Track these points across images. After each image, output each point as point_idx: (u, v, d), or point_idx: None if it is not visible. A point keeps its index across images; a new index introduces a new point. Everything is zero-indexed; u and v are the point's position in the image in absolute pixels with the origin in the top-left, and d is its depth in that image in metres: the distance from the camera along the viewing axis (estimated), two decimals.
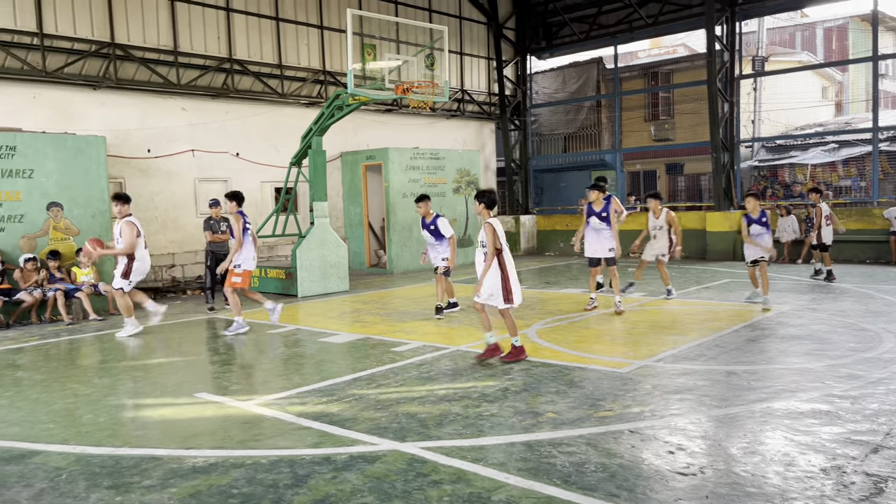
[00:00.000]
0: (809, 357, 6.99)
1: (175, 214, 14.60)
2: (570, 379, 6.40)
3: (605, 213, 9.97)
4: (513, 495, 3.93)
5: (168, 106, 14.48)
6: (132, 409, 6.00)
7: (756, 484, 4.00)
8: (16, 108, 12.37)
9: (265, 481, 4.23)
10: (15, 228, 10.86)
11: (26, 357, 8.30)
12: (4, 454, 4.89)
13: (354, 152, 17.30)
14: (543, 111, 25.72)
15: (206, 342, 9.16)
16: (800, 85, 24.92)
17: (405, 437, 4.93)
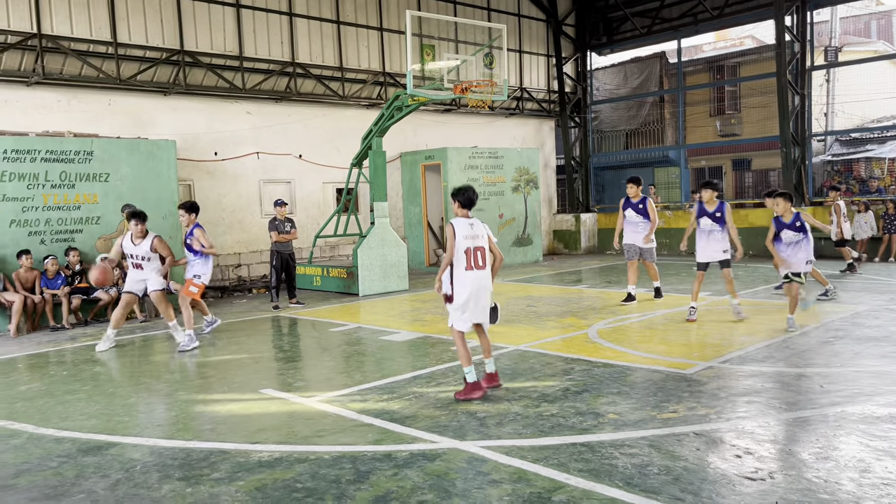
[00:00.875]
0: (886, 360, 6.68)
1: (241, 216, 15.01)
2: (633, 380, 6.30)
3: (718, 214, 9.11)
4: (574, 496, 3.89)
5: (234, 110, 14.90)
6: (201, 403, 6.20)
7: (829, 490, 3.85)
8: (93, 115, 12.94)
9: (328, 476, 4.31)
10: (92, 230, 11.37)
11: (103, 353, 8.66)
12: (83, 445, 5.13)
13: (414, 152, 17.42)
14: (604, 107, 25.35)
15: (272, 339, 9.38)
16: (875, 75, 23.80)
17: (465, 436, 4.95)
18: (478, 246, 5.83)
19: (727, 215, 9.12)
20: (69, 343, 9.42)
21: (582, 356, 7.31)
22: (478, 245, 5.83)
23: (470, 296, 5.72)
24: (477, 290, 5.78)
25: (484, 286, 5.83)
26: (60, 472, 4.60)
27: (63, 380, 7.30)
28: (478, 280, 5.78)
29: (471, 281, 5.75)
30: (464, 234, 5.79)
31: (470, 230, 5.83)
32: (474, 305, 5.77)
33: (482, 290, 5.83)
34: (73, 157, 11.13)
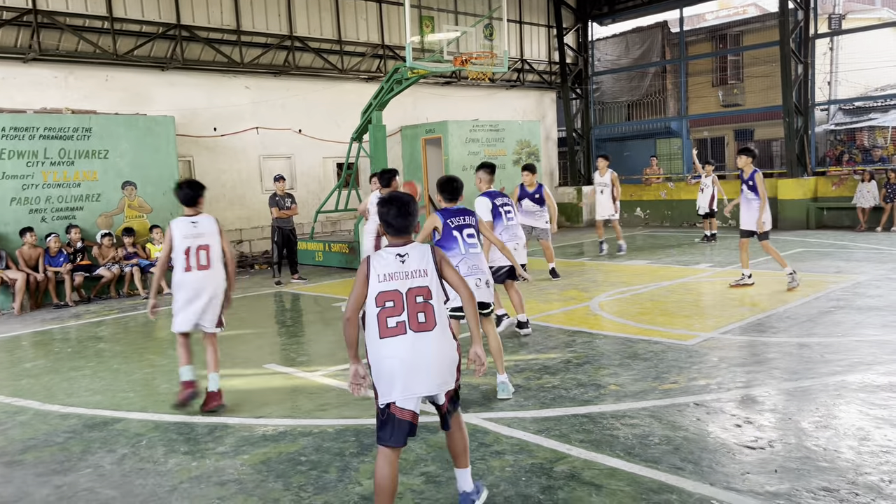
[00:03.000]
0: (887, 329, 6.69)
1: (242, 191, 14.98)
2: (634, 351, 6.32)
3: (751, 182, 8.95)
4: (575, 466, 3.93)
5: (232, 85, 14.79)
6: (205, 379, 6.23)
7: (828, 458, 3.88)
8: (90, 91, 12.86)
9: (332, 449, 4.35)
10: (93, 207, 11.37)
11: (107, 329, 8.72)
12: (89, 421, 5.18)
13: (414, 126, 17.32)
14: (606, 79, 25.12)
15: (274, 315, 9.41)
16: (880, 43, 23.50)
17: (467, 408, 4.98)
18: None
19: (758, 184, 8.87)
20: (73, 320, 9.47)
21: (583, 328, 7.33)
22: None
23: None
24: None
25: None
26: (67, 448, 4.65)
27: (68, 356, 7.35)
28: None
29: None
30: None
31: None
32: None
33: None
34: (71, 134, 11.08)
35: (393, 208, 3.30)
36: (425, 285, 3.24)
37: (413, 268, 3.25)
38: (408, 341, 3.16)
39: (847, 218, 16.04)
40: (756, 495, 3.49)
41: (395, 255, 3.27)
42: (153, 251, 11.62)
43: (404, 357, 3.15)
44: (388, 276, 3.23)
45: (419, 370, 3.17)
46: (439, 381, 3.23)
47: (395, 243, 3.33)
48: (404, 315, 3.19)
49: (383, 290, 3.21)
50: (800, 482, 3.61)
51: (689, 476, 3.74)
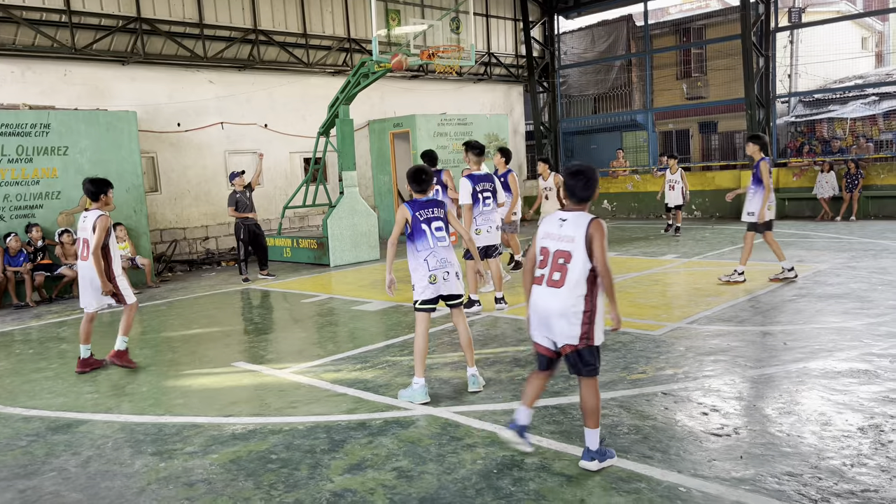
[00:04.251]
0: (848, 316, 6.86)
1: (207, 187, 14.77)
2: (603, 342, 6.38)
3: (755, 170, 8.63)
4: (546, 457, 3.96)
5: (196, 79, 14.55)
6: (172, 378, 6.15)
7: (791, 444, 3.97)
8: (48, 87, 12.55)
9: (303, 447, 4.32)
10: (52, 205, 11.11)
11: (69, 330, 8.54)
12: (52, 424, 5.07)
13: (382, 120, 17.24)
14: (572, 72, 25.26)
15: (242, 313, 9.31)
16: (838, 36, 24.03)
17: (438, 403, 4.99)
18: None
19: (762, 174, 8.49)
20: (34, 321, 9.25)
21: None
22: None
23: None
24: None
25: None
26: (30, 451, 4.55)
27: (29, 358, 7.18)
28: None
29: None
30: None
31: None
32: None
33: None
34: (29, 131, 10.81)
35: (581, 180, 3.83)
36: (568, 250, 3.74)
37: (565, 233, 3.77)
38: (541, 292, 3.79)
39: (808, 208, 16.39)
40: (722, 481, 3.56)
41: (558, 219, 3.86)
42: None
43: (537, 304, 3.82)
44: (546, 234, 3.87)
45: (543, 319, 3.79)
46: (558, 333, 3.75)
47: (569, 208, 3.89)
48: (546, 270, 3.79)
49: (541, 245, 3.87)
50: (764, 467, 3.68)
51: (657, 464, 3.79)
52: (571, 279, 3.70)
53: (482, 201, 7.93)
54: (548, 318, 3.76)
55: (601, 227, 3.72)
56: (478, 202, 7.92)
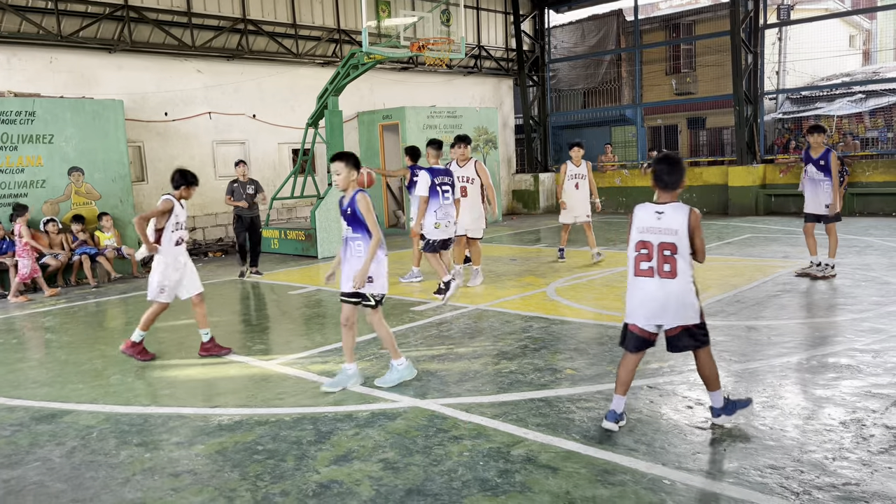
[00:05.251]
0: (831, 311, 6.93)
1: None
2: (589, 336, 6.42)
3: (823, 161, 8.33)
4: (532, 450, 3.98)
5: (184, 68, 14.44)
6: (158, 369, 6.13)
7: (774, 437, 4.01)
8: (34, 74, 12.41)
9: (289, 438, 4.32)
10: (37, 194, 11.00)
11: (54, 319, 8.48)
12: (36, 414, 5.04)
13: (371, 112, 17.19)
14: (562, 66, 25.30)
15: (230, 304, 9.28)
16: (826, 34, 24.21)
17: (426, 395, 5.00)
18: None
19: (832, 164, 8.29)
20: (18, 310, 9.17)
21: (540, 314, 7.41)
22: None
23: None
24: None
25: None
26: (14, 441, 4.52)
27: (13, 347, 7.13)
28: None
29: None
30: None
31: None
32: None
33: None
34: (14, 118, 10.69)
35: (666, 165, 4.03)
36: (673, 242, 3.96)
37: (666, 225, 3.98)
38: (654, 284, 4.02)
39: (794, 204, 16.52)
40: (706, 474, 3.59)
41: (654, 211, 4.04)
42: (102, 239, 11.32)
43: (653, 295, 4.04)
44: (645, 228, 4.05)
45: (660, 308, 4.04)
46: (673, 318, 4.03)
47: (660, 199, 4.06)
48: (654, 262, 4.01)
49: (641, 239, 4.06)
50: (747, 460, 3.72)
51: (642, 457, 3.83)
52: (681, 268, 3.97)
53: (441, 195, 8.20)
54: (666, 307, 4.01)
55: (698, 216, 4.00)
56: (437, 195, 8.18)
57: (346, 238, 5.11)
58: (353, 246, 5.05)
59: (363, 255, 5.02)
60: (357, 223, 5.01)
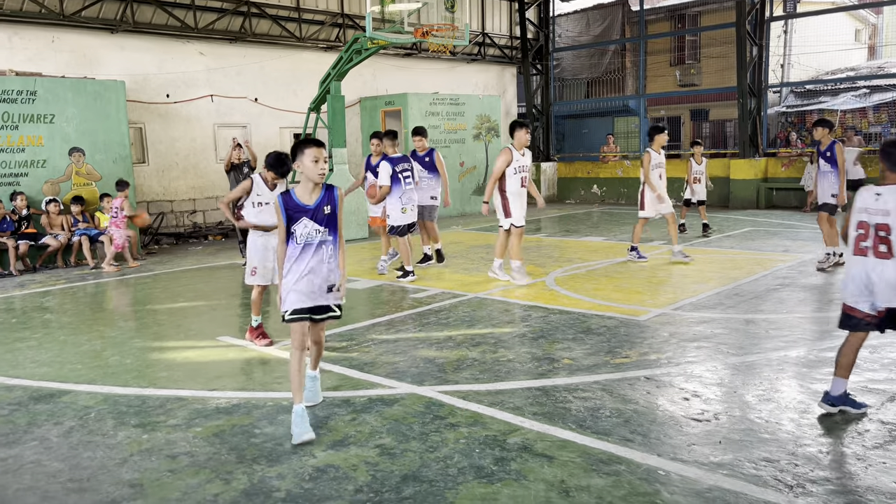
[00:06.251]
0: (831, 306, 6.94)
1: (195, 160, 14.64)
2: (587, 326, 6.43)
3: (829, 153, 8.56)
4: (528, 438, 4.00)
5: (186, 50, 14.37)
6: (157, 351, 6.14)
7: (770, 430, 4.03)
8: (35, 53, 12.35)
9: (286, 422, 4.33)
10: (38, 173, 10.98)
11: (54, 300, 8.49)
12: (34, 393, 5.06)
13: (373, 98, 17.13)
14: (566, 55, 25.17)
15: (228, 287, 9.28)
16: (831, 27, 24.06)
17: (423, 381, 5.01)
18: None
19: (837, 156, 8.49)
20: (18, 290, 9.18)
21: (539, 303, 7.42)
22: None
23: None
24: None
25: None
26: (12, 420, 4.53)
27: (12, 327, 7.14)
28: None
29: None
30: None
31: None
32: None
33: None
34: (15, 97, 10.65)
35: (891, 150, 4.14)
36: (886, 223, 4.01)
37: (881, 206, 4.05)
38: (870, 264, 4.05)
39: (795, 198, 16.49)
40: (700, 465, 3.61)
41: (874, 193, 4.12)
42: (102, 220, 11.30)
43: (867, 275, 4.04)
44: (863, 208, 4.14)
45: (873, 287, 4.03)
46: (887, 298, 4.00)
47: (884, 182, 4.12)
48: (870, 242, 4.07)
49: (859, 219, 4.15)
50: (742, 453, 3.74)
51: (637, 447, 3.84)
52: None
53: (403, 181, 8.69)
54: (881, 287, 4.00)
55: None
56: (399, 182, 8.66)
57: (315, 242, 4.17)
58: (325, 250, 4.20)
59: (335, 261, 4.26)
60: (333, 224, 4.22)
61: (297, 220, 4.14)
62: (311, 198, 4.17)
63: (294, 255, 4.18)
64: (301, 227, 4.15)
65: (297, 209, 4.15)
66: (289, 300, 4.22)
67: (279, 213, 4.15)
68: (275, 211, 4.29)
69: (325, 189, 4.21)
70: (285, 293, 4.24)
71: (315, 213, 4.16)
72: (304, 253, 4.17)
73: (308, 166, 4.10)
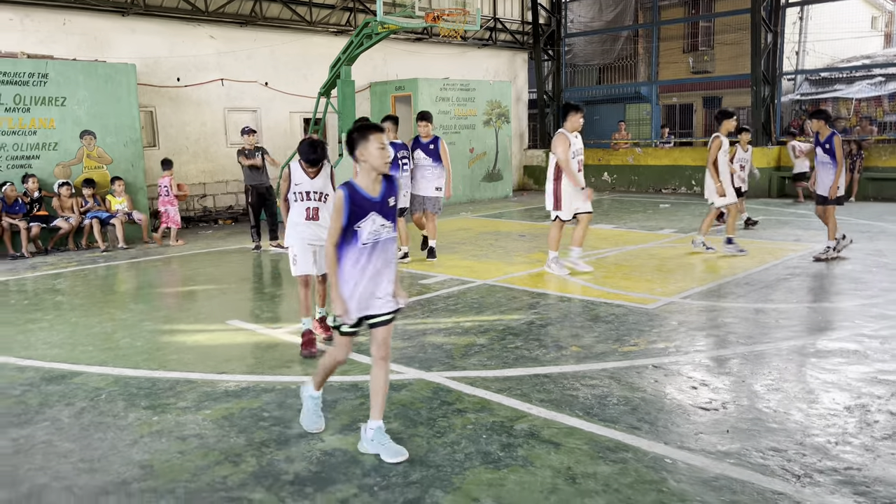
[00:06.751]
0: (841, 296, 6.90)
1: (206, 144, 14.66)
2: (596, 314, 6.42)
3: (828, 145, 8.48)
4: (535, 425, 4.01)
5: (197, 34, 14.34)
6: (167, 334, 6.18)
7: (778, 420, 4.02)
8: (46, 35, 12.36)
9: (295, 406, 4.36)
10: (49, 156, 11.03)
11: (65, 282, 8.55)
12: (46, 374, 5.11)
13: (384, 82, 17.06)
14: (578, 41, 24.96)
15: (238, 271, 9.32)
16: (847, 14, 23.74)
17: (431, 367, 5.03)
18: None
19: (836, 148, 8.41)
20: (29, 272, 9.25)
21: (548, 290, 7.41)
22: None
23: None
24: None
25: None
26: (24, 401, 4.58)
27: (24, 308, 7.20)
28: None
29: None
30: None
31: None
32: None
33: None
34: (27, 80, 10.68)
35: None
36: None
37: None
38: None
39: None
40: (707, 454, 3.61)
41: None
42: (113, 203, 11.35)
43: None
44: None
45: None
46: None
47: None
48: None
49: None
50: (750, 442, 3.73)
51: (644, 435, 3.84)
52: None
53: (401, 167, 8.87)
54: None
55: None
56: (397, 168, 8.79)
57: (382, 240, 3.67)
58: (390, 249, 3.72)
59: (394, 259, 3.80)
60: (395, 218, 3.75)
61: (362, 216, 3.60)
62: (376, 189, 3.66)
63: (357, 257, 3.64)
64: (369, 223, 3.62)
65: (366, 203, 3.61)
66: (351, 309, 3.70)
67: (341, 209, 3.57)
68: (335, 208, 3.61)
69: (384, 179, 3.70)
70: (348, 301, 3.70)
71: (382, 206, 3.66)
72: (368, 253, 3.65)
73: (374, 154, 3.57)
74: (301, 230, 5.54)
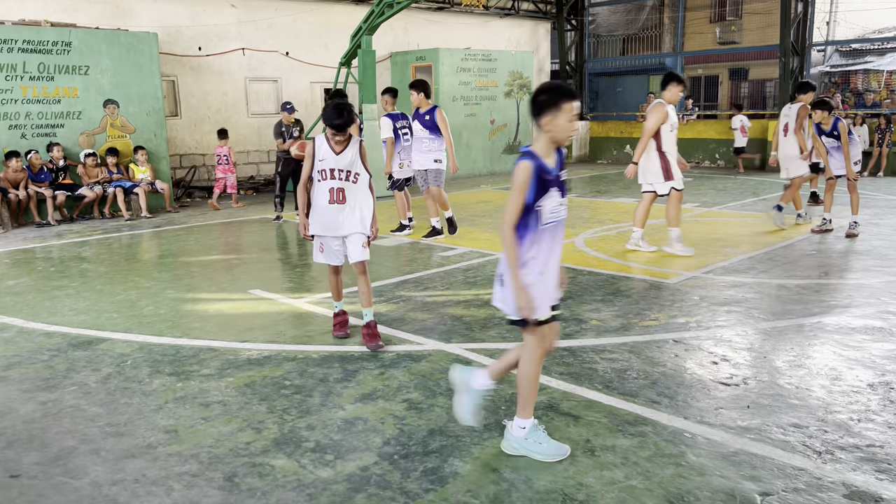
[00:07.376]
0: (867, 273, 6.80)
1: (227, 114, 14.68)
2: (617, 288, 6.39)
3: (836, 132, 8.63)
4: (554, 398, 4.02)
5: (218, 3, 14.29)
6: (190, 302, 6.26)
7: (800, 396, 3.99)
8: (69, 4, 12.38)
9: (316, 375, 4.41)
10: (74, 125, 11.12)
11: (90, 250, 8.67)
12: (73, 340, 5.20)
13: (404, 53, 16.92)
14: (602, 10, 24.54)
15: (259, 242, 9.38)
16: None
17: (450, 339, 5.05)
18: None
19: (842, 134, 8.58)
20: (55, 240, 9.39)
21: (568, 264, 7.38)
22: None
23: None
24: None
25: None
26: (52, 366, 4.68)
27: (51, 276, 7.32)
28: None
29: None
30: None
31: None
32: None
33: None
34: (51, 48, 10.73)
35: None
36: None
37: None
38: None
39: None
40: (728, 429, 3.60)
41: None
42: (136, 172, 11.45)
43: None
44: None
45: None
46: None
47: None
48: None
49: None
50: (770, 418, 3.72)
51: (664, 409, 3.84)
52: None
53: (401, 138, 8.92)
54: None
55: None
56: (399, 138, 8.90)
57: (559, 220, 3.21)
58: (562, 231, 3.28)
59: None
60: (566, 193, 3.27)
61: (545, 193, 3.10)
62: (553, 161, 3.17)
63: (538, 240, 3.15)
64: (550, 201, 3.12)
65: (548, 177, 3.11)
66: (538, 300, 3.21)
67: (528, 182, 3.05)
68: (517, 182, 3.08)
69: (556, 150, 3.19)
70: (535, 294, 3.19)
71: (559, 180, 3.18)
72: (549, 236, 3.17)
73: (563, 127, 3.06)
74: (323, 215, 4.84)
